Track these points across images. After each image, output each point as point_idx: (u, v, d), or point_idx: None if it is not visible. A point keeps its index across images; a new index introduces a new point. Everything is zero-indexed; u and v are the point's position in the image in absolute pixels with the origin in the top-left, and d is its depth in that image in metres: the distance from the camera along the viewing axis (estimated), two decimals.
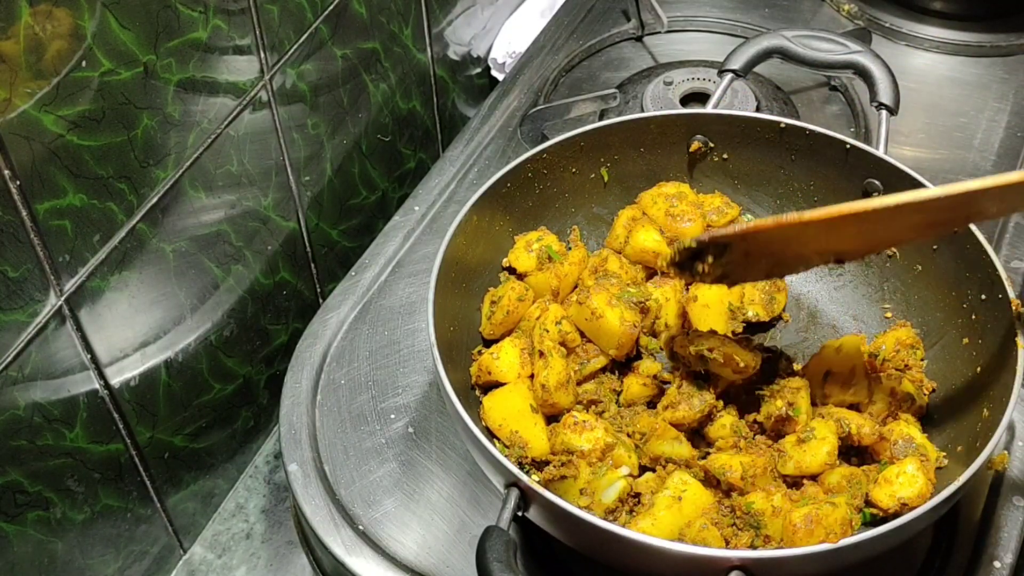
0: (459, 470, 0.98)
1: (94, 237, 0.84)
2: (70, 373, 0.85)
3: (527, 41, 1.46)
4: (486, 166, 1.25)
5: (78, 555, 0.91)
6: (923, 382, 0.93)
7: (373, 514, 0.94)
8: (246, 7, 0.95)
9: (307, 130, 1.11)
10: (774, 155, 1.05)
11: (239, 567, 1.05)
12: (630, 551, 0.75)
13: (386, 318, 1.09)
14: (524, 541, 0.91)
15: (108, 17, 0.79)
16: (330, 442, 0.99)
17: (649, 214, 1.03)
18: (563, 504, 0.76)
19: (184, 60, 0.89)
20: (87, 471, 0.89)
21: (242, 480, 1.13)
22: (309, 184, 1.14)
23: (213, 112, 0.95)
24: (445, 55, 1.38)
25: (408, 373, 1.05)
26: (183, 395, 1.00)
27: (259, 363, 1.12)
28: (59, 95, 0.76)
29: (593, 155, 1.05)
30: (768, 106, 1.28)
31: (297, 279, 1.16)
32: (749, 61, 1.14)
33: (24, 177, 0.75)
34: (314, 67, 1.09)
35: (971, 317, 0.92)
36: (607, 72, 1.40)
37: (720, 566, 0.73)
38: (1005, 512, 0.92)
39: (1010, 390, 0.81)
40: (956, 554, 0.90)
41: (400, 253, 1.15)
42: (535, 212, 1.04)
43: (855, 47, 1.13)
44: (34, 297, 0.79)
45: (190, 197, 0.94)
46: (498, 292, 0.98)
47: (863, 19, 1.47)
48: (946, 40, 1.43)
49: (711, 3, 1.50)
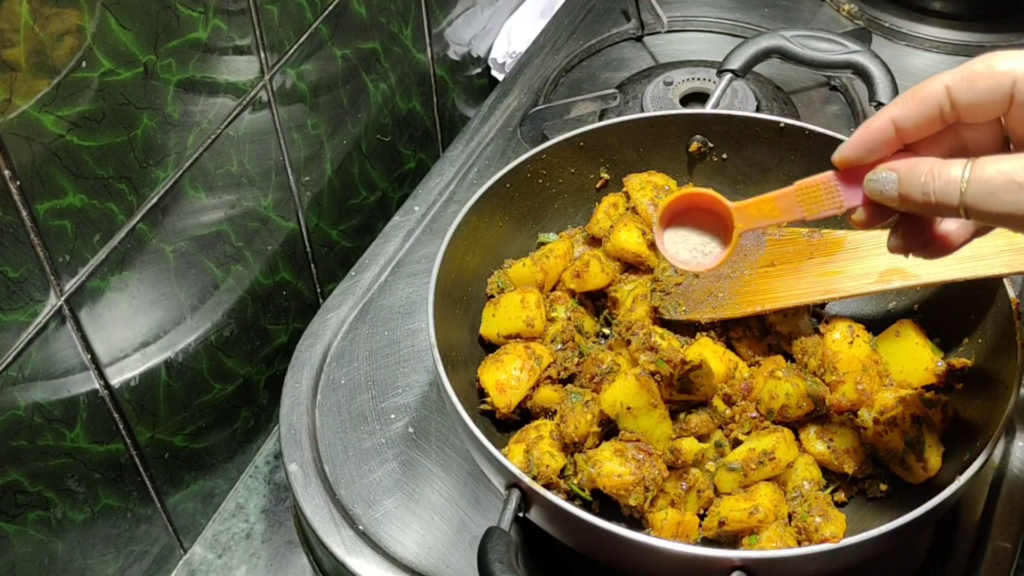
0: (459, 470, 0.98)
1: (94, 237, 0.84)
2: (70, 373, 0.85)
3: (527, 41, 1.46)
4: (486, 166, 1.25)
5: (78, 555, 0.91)
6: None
7: (373, 514, 0.94)
8: (246, 7, 0.95)
9: (307, 130, 1.11)
10: (774, 155, 1.05)
11: (239, 567, 1.05)
12: (630, 551, 0.75)
13: (386, 318, 1.09)
14: (524, 541, 0.91)
15: (108, 17, 0.79)
16: (330, 442, 0.99)
17: (634, 198, 1.02)
18: (564, 505, 0.76)
19: (184, 60, 0.89)
20: (87, 471, 0.89)
21: (242, 480, 1.13)
22: (309, 184, 1.14)
23: (213, 112, 0.95)
24: (445, 55, 1.38)
25: (408, 373, 1.05)
26: (183, 395, 1.00)
27: (259, 363, 1.12)
28: (59, 95, 0.76)
29: (593, 155, 1.05)
30: (768, 106, 1.28)
31: (297, 279, 1.16)
32: (748, 61, 1.14)
33: (24, 177, 0.75)
34: (314, 67, 1.09)
35: (970, 317, 0.92)
36: (607, 72, 1.40)
37: (721, 566, 0.73)
38: (1005, 512, 0.92)
39: (1010, 390, 0.81)
40: (956, 554, 0.90)
41: (400, 253, 1.15)
42: (535, 212, 1.04)
43: (854, 47, 1.13)
44: (34, 297, 0.79)
45: (190, 197, 0.94)
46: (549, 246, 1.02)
47: (863, 19, 1.47)
48: (946, 40, 1.43)
49: (711, 3, 1.50)
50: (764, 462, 0.86)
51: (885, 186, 0.67)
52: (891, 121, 0.67)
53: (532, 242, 1.05)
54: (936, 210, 0.64)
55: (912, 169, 0.65)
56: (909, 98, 0.66)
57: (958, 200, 0.62)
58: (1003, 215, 0.61)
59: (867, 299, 1.01)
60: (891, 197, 0.67)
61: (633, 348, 0.91)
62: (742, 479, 0.87)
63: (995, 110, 0.64)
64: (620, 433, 0.86)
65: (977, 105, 0.64)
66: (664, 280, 0.97)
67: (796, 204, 0.72)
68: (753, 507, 0.84)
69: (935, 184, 0.63)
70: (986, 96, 0.63)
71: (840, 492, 0.89)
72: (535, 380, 0.92)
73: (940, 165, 0.64)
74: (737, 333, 0.97)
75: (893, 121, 0.67)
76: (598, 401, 0.87)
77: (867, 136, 0.68)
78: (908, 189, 0.65)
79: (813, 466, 0.89)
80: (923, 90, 0.65)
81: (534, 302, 0.95)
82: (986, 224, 0.68)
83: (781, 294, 0.95)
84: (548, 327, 0.96)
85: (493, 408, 0.91)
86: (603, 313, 1.00)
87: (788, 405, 0.89)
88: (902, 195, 0.66)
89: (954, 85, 0.64)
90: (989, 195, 0.61)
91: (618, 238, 1.00)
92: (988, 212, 0.62)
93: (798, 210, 0.72)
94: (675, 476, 0.86)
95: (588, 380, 0.91)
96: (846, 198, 0.70)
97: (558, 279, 1.01)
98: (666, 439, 0.86)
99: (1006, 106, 0.63)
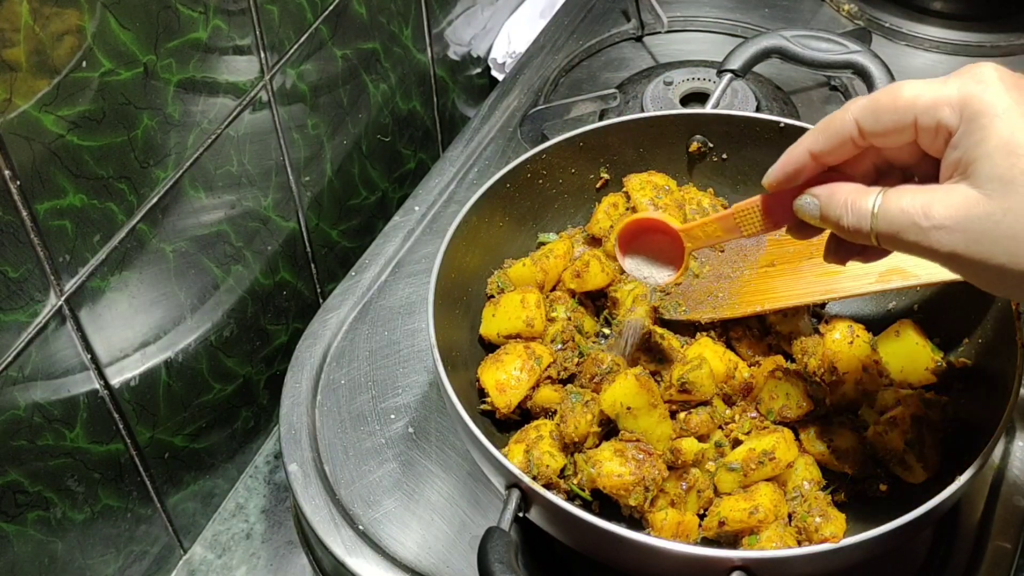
0: (459, 470, 0.98)
1: (94, 237, 0.84)
2: (70, 373, 0.85)
3: (527, 41, 1.46)
4: (486, 166, 1.25)
5: (78, 555, 0.91)
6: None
7: (373, 514, 0.94)
8: (246, 7, 0.95)
9: (307, 130, 1.11)
10: (774, 155, 1.03)
11: (239, 567, 1.05)
12: (630, 551, 0.75)
13: (386, 318, 1.09)
14: (524, 541, 0.91)
15: (108, 17, 0.79)
16: (330, 442, 0.99)
17: (634, 198, 1.02)
18: (564, 505, 0.76)
19: (184, 60, 0.89)
20: (87, 471, 0.89)
21: (242, 480, 1.13)
22: (309, 184, 1.14)
23: (213, 112, 0.95)
24: (445, 55, 1.38)
25: (408, 373, 1.05)
26: (183, 395, 1.00)
27: (259, 363, 1.12)
28: (59, 95, 0.76)
29: (593, 155, 1.05)
30: (768, 106, 1.28)
31: (297, 279, 1.16)
32: (748, 61, 1.14)
33: (24, 177, 0.75)
34: (314, 67, 1.09)
35: (970, 316, 0.92)
36: (607, 72, 1.40)
37: (721, 566, 0.73)
38: (1005, 512, 0.92)
39: (1010, 390, 0.81)
40: (956, 554, 0.90)
41: (400, 253, 1.15)
42: (535, 212, 1.04)
43: (854, 47, 1.13)
44: (34, 297, 0.79)
45: (190, 197, 0.94)
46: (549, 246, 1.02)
47: (863, 19, 1.47)
48: (946, 40, 1.43)
49: (711, 3, 1.50)
50: (764, 462, 0.86)
51: (808, 210, 0.71)
52: (807, 151, 0.70)
53: (532, 242, 1.05)
54: (853, 236, 0.68)
55: (831, 197, 0.69)
56: (822, 129, 0.69)
57: (869, 231, 0.66)
58: (910, 249, 0.65)
59: (867, 299, 1.01)
60: (815, 218, 0.71)
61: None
62: (742, 479, 0.87)
63: (903, 138, 0.66)
64: (620, 433, 0.86)
65: (884, 135, 0.66)
66: None
67: (735, 224, 0.78)
68: (753, 507, 0.84)
69: (849, 217, 0.67)
70: (891, 127, 0.65)
71: (840, 492, 0.89)
72: (535, 380, 0.92)
73: (855, 195, 0.67)
74: (737, 333, 0.97)
75: (809, 151, 0.70)
76: (598, 401, 0.87)
77: (788, 164, 0.72)
78: (827, 214, 0.69)
79: (813, 466, 0.89)
80: (834, 123, 0.68)
81: (534, 302, 0.95)
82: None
83: (781, 294, 0.95)
84: (548, 327, 0.96)
85: (493, 408, 0.91)
86: (603, 313, 1.00)
87: (788, 405, 0.89)
88: (823, 218, 0.70)
89: (861, 118, 0.67)
90: (895, 232, 0.65)
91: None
92: (896, 245, 0.66)
93: (738, 230, 0.78)
94: (675, 476, 0.86)
95: (588, 380, 0.91)
96: (779, 217, 0.75)
97: (558, 279, 1.01)
98: (666, 439, 0.86)
99: (912, 134, 0.65)
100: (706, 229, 0.81)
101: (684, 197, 1.04)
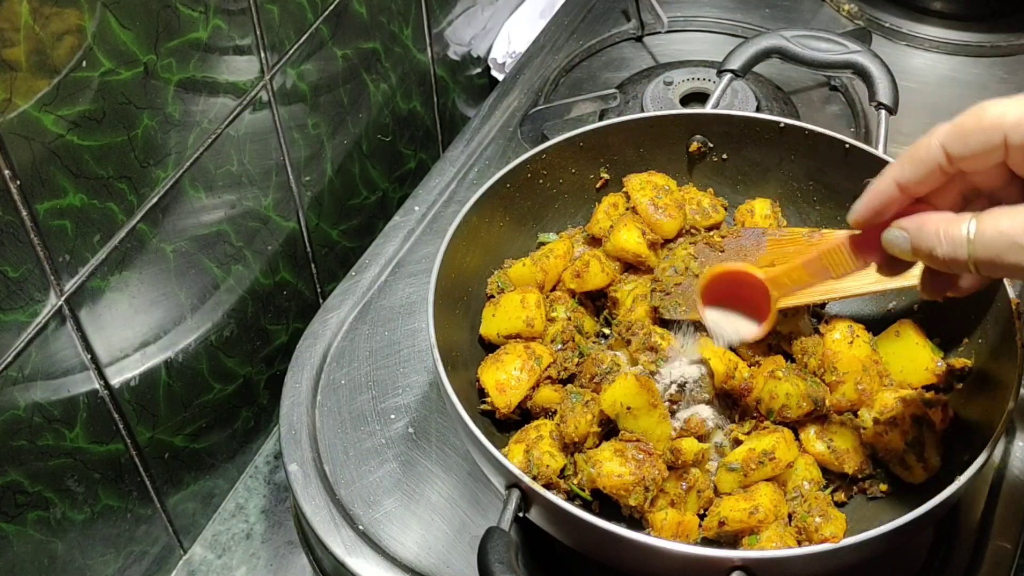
0: (459, 470, 0.98)
1: (94, 237, 0.84)
2: (70, 373, 0.85)
3: (527, 41, 1.46)
4: (486, 166, 1.25)
5: (78, 555, 0.91)
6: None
7: (373, 514, 0.94)
8: (246, 7, 0.95)
9: (307, 130, 1.11)
10: (774, 155, 1.05)
11: (239, 567, 1.05)
12: (630, 551, 0.75)
13: (386, 318, 1.09)
14: (524, 541, 0.91)
15: (108, 17, 0.79)
16: (330, 442, 0.99)
17: (634, 198, 1.02)
18: (564, 505, 0.75)
19: (184, 60, 0.89)
20: (87, 471, 0.89)
21: (242, 480, 1.13)
22: (309, 184, 1.14)
23: (213, 112, 0.95)
24: (445, 55, 1.38)
25: (408, 373, 1.05)
26: (183, 395, 1.00)
27: (259, 363, 1.12)
28: (59, 95, 0.76)
29: (593, 155, 1.05)
30: (768, 106, 1.28)
31: (297, 279, 1.16)
32: (748, 61, 1.14)
33: (24, 177, 0.75)
34: (314, 67, 1.09)
35: (970, 317, 0.92)
36: (607, 72, 1.40)
37: (721, 566, 0.73)
38: (1005, 512, 0.92)
39: (1010, 390, 0.81)
40: (956, 554, 0.90)
41: (400, 253, 1.15)
42: (535, 212, 1.04)
43: (854, 47, 1.13)
44: (34, 297, 0.79)
45: (190, 197, 0.94)
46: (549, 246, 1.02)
47: (863, 19, 1.47)
48: (946, 40, 1.43)
49: (711, 3, 1.50)
50: (764, 462, 0.86)
51: (898, 244, 0.68)
52: (894, 182, 0.68)
53: (532, 242, 1.05)
54: (948, 266, 0.66)
55: (921, 228, 0.67)
56: (908, 159, 0.67)
57: (966, 258, 0.64)
58: (1011, 271, 0.63)
59: (867, 299, 1.01)
60: (906, 252, 0.68)
61: (633, 348, 0.91)
62: (742, 479, 0.87)
63: (993, 159, 0.64)
64: (620, 433, 0.86)
65: (973, 158, 0.65)
66: (664, 280, 0.97)
67: (823, 267, 0.76)
68: (753, 507, 0.84)
69: (943, 247, 0.65)
70: (980, 149, 0.64)
71: (840, 492, 0.89)
72: (535, 380, 0.92)
73: (947, 224, 0.65)
74: None
75: (896, 182, 0.68)
76: (598, 401, 0.87)
77: (875, 199, 0.69)
78: (919, 246, 0.67)
79: (813, 466, 0.89)
80: (920, 150, 0.66)
81: (534, 302, 0.95)
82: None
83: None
84: (548, 327, 0.96)
85: (493, 408, 0.91)
86: (603, 313, 1.00)
87: (788, 405, 0.89)
88: (915, 251, 0.67)
89: (947, 143, 0.65)
90: (995, 256, 0.63)
91: (618, 238, 1.00)
92: (996, 270, 0.63)
93: (826, 272, 0.76)
94: (675, 476, 0.86)
95: (588, 380, 0.91)
96: (868, 255, 0.72)
97: (558, 279, 1.01)
98: (666, 439, 0.86)
99: (1003, 154, 0.64)
100: (792, 275, 0.78)
101: (684, 197, 1.04)
